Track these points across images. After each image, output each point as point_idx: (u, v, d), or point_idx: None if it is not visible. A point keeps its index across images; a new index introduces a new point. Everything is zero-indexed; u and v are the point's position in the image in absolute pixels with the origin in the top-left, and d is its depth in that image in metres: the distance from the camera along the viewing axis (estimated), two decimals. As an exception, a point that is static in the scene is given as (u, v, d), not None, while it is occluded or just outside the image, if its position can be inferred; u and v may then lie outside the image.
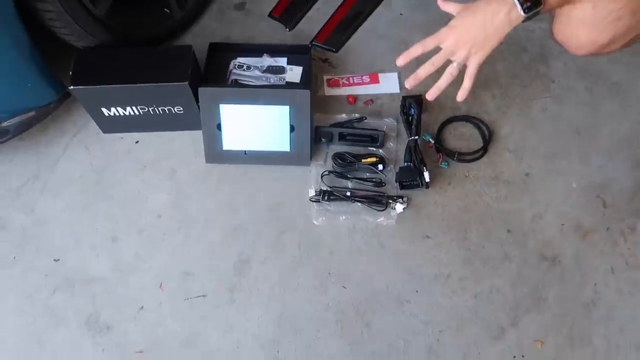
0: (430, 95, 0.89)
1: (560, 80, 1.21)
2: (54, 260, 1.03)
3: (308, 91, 1.04)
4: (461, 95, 0.88)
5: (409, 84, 0.88)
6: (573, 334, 0.96)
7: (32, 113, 1.08)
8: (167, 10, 1.23)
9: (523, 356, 0.94)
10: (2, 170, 1.13)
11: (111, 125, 1.14)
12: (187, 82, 1.02)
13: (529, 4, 0.77)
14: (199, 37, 1.28)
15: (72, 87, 1.02)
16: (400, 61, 0.87)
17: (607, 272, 1.01)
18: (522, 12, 0.78)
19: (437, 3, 0.87)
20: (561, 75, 1.22)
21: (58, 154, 1.15)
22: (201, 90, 1.04)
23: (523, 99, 1.19)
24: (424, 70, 0.87)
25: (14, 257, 1.04)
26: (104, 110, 1.09)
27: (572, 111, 1.17)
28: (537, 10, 0.78)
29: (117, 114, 1.10)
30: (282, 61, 1.19)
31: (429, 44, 0.85)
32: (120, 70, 1.04)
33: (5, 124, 1.06)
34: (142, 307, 0.99)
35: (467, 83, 0.87)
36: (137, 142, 1.16)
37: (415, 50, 0.86)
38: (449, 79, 0.87)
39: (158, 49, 1.12)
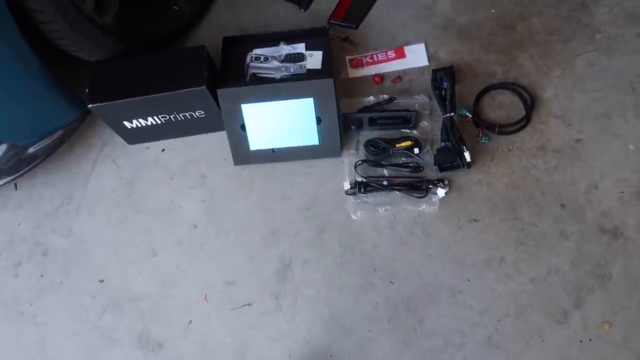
0: None
1: (607, 29, 1.10)
2: (99, 281, 1.04)
3: (331, 80, 0.98)
4: None
5: None
6: (643, 310, 0.89)
7: (57, 134, 1.07)
8: (176, 8, 1.17)
9: (590, 340, 0.88)
10: (37, 195, 1.13)
11: (135, 137, 1.12)
12: (204, 87, 0.97)
13: None
14: (212, 29, 1.23)
15: (90, 105, 0.99)
16: None
17: (677, 239, 0.93)
18: None
19: None
20: (607, 23, 1.10)
21: (88, 172, 1.14)
22: (220, 92, 1.00)
23: (565, 56, 1.09)
24: None
25: (61, 282, 1.05)
26: (126, 123, 1.06)
27: (623, 63, 1.06)
28: None
29: (140, 125, 1.07)
30: (300, 47, 1.12)
31: None
32: (136, 82, 1.00)
33: (32, 150, 1.05)
34: (191, 321, 0.98)
35: None
36: (163, 150, 1.14)
37: None
38: None
39: (171, 53, 1.08)
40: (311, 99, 0.99)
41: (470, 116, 1.05)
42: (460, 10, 1.16)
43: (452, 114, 1.02)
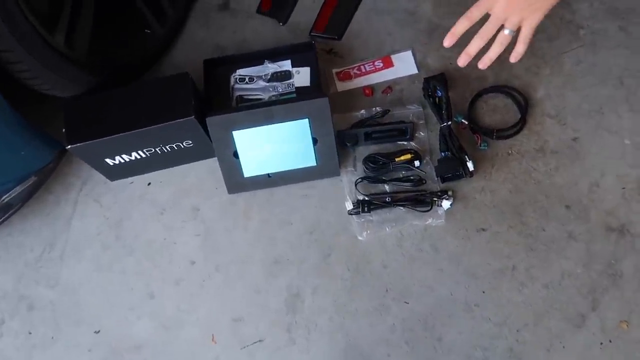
0: (483, 64, 0.83)
1: (590, 24, 1.10)
2: (95, 332, 0.97)
3: (326, 98, 0.94)
4: (515, 57, 0.82)
5: (462, 61, 0.82)
6: (658, 305, 0.90)
7: (32, 178, 0.99)
8: (148, 31, 1.11)
9: (610, 341, 0.88)
10: (14, 244, 1.05)
11: (118, 173, 1.05)
12: (193, 117, 0.92)
13: None
14: (188, 50, 1.17)
15: (69, 146, 0.92)
16: (447, 42, 0.81)
17: (682, 230, 0.94)
18: None
19: None
20: (589, 18, 1.10)
21: (69, 214, 1.07)
22: (209, 121, 0.94)
23: (552, 54, 1.08)
24: (475, 45, 0.80)
25: (52, 337, 0.97)
26: (108, 160, 0.99)
27: (609, 57, 1.07)
28: None
29: (123, 161, 1.00)
30: (286, 65, 1.08)
31: (474, 14, 0.78)
32: (117, 116, 0.94)
33: (5, 198, 0.97)
34: (199, 365, 0.93)
35: (521, 48, 0.81)
36: (149, 184, 1.07)
37: (461, 25, 0.79)
38: (501, 49, 0.81)
39: (152, 83, 1.01)
40: (306, 120, 0.95)
41: (466, 122, 1.03)
42: (444, 14, 1.14)
43: (449, 122, 1.00)
